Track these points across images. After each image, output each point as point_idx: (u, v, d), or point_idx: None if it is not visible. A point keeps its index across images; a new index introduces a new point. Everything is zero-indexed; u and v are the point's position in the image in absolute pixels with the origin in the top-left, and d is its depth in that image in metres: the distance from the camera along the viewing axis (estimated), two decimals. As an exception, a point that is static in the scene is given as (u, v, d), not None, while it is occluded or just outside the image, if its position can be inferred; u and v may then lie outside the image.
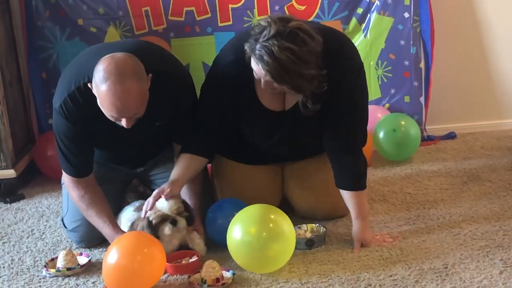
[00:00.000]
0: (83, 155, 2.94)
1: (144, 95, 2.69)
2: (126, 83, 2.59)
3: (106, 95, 2.61)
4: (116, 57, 2.63)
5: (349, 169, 2.94)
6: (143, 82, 2.67)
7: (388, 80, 4.29)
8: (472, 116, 4.55)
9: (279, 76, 2.62)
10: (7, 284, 2.81)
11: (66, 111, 2.81)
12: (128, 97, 2.61)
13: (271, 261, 2.72)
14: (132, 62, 2.64)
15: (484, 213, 3.22)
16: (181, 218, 2.83)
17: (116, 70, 2.58)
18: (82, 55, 2.98)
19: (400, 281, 2.63)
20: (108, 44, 2.98)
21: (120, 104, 2.61)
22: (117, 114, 2.65)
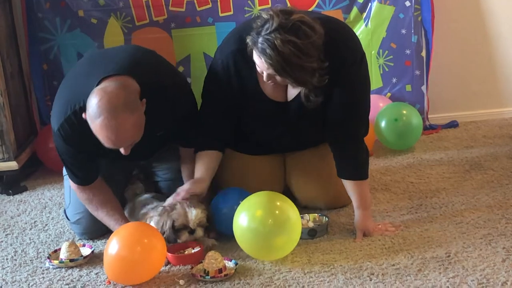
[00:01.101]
0: (87, 167, 2.95)
1: (139, 124, 2.67)
2: (119, 117, 2.58)
3: (101, 130, 2.61)
4: (108, 91, 2.59)
5: (351, 159, 2.94)
6: (137, 111, 2.64)
7: (389, 69, 4.29)
8: (474, 105, 4.54)
9: (282, 69, 2.61)
10: (11, 275, 2.81)
11: (64, 135, 2.82)
12: (122, 131, 2.61)
13: (276, 248, 2.72)
14: (123, 94, 2.60)
15: (486, 201, 3.22)
16: (200, 228, 2.85)
17: (108, 105, 2.56)
18: (77, 70, 2.96)
19: (402, 270, 2.63)
20: (103, 57, 2.93)
21: (115, 138, 2.63)
22: (113, 146, 2.67)
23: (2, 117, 3.70)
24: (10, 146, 3.74)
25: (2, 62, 3.74)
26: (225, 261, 2.73)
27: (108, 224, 2.98)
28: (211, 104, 3.00)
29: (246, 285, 2.60)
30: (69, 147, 2.85)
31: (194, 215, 2.81)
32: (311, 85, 2.73)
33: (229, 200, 2.95)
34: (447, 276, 2.56)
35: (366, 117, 2.98)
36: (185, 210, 2.82)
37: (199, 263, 2.75)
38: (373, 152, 3.94)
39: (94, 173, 2.97)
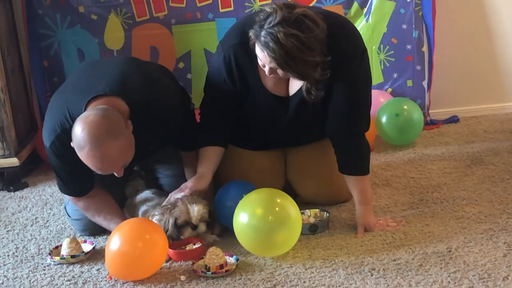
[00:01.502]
0: (81, 180, 2.92)
1: (126, 147, 2.67)
2: (103, 146, 2.58)
3: (88, 160, 2.62)
4: (89, 120, 2.58)
5: (352, 154, 2.94)
6: (122, 136, 2.63)
7: (390, 65, 4.28)
8: (475, 100, 4.54)
9: (285, 63, 2.61)
10: (12, 272, 2.81)
11: (56, 151, 2.82)
12: (109, 159, 2.62)
13: (277, 245, 2.73)
14: (105, 123, 2.59)
15: (487, 196, 3.22)
16: (202, 224, 2.85)
17: (91, 135, 2.56)
18: (67, 87, 2.96)
19: (403, 265, 2.64)
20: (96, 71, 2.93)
21: (102, 166, 2.64)
22: (104, 173, 2.69)
23: (2, 114, 3.70)
24: (11, 142, 3.75)
25: (2, 58, 3.74)
26: (226, 257, 2.73)
27: (108, 228, 2.99)
28: (213, 98, 3.01)
29: (248, 281, 2.61)
30: (62, 163, 2.85)
31: (196, 211, 2.82)
32: (313, 79, 2.73)
33: (232, 193, 2.94)
34: (448, 271, 2.56)
35: (367, 112, 2.98)
36: (186, 206, 2.82)
37: (200, 259, 2.75)
38: (374, 147, 3.94)
39: (88, 184, 2.96)
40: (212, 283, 2.62)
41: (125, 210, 3.09)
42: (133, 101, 2.73)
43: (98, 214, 2.98)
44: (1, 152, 3.75)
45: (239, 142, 3.17)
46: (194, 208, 2.82)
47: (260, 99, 2.98)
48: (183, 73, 4.20)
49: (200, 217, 2.83)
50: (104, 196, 3.00)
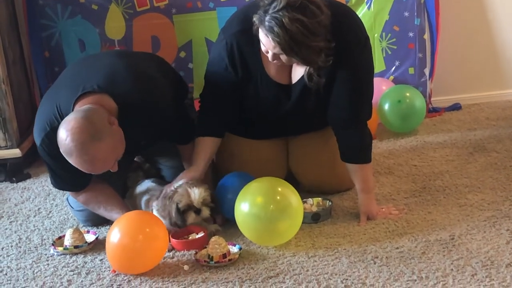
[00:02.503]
0: (77, 175, 2.88)
1: (114, 145, 2.67)
2: (90, 150, 2.59)
3: (78, 165, 2.64)
4: (71, 127, 2.58)
5: (354, 143, 2.94)
6: (108, 136, 2.63)
7: (392, 52, 4.27)
8: (477, 87, 4.53)
9: (289, 47, 2.60)
10: (15, 262, 2.82)
11: (47, 149, 2.83)
12: (98, 161, 2.63)
13: (278, 234, 2.73)
14: (88, 126, 2.58)
15: (490, 183, 3.22)
16: (205, 208, 2.85)
17: (74, 143, 2.57)
18: (58, 83, 2.96)
19: (406, 253, 2.64)
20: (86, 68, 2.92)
21: (94, 168, 2.67)
22: (97, 173, 2.72)
23: (4, 105, 3.70)
24: (13, 133, 3.75)
25: (3, 49, 3.74)
26: (229, 246, 2.73)
27: (110, 219, 2.99)
28: (213, 87, 3.00)
29: (251, 270, 2.61)
30: (54, 160, 2.84)
31: (197, 193, 2.81)
32: (316, 65, 2.73)
33: (233, 185, 2.94)
34: (451, 259, 2.57)
35: (369, 100, 2.97)
36: (187, 190, 2.82)
37: (203, 249, 2.76)
38: (376, 135, 3.94)
39: (84, 179, 2.94)
40: (215, 272, 2.62)
41: (127, 200, 3.09)
42: (121, 98, 2.74)
43: (99, 206, 2.99)
44: (3, 143, 3.75)
45: (241, 131, 3.17)
46: (195, 191, 2.82)
47: (262, 87, 2.97)
48: (184, 63, 4.19)
49: (202, 199, 2.82)
50: (103, 188, 3.00)
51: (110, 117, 2.67)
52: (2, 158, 3.76)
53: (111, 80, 2.78)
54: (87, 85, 2.73)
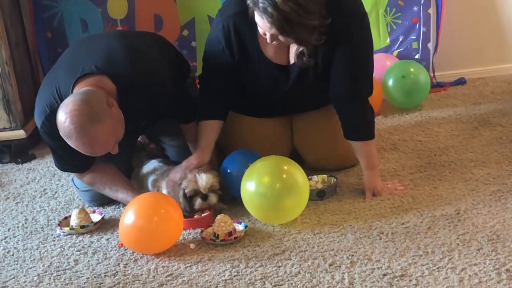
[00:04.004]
0: (79, 156, 2.85)
1: (114, 127, 2.66)
2: (89, 133, 2.58)
3: (78, 148, 2.63)
4: (69, 110, 2.57)
5: (356, 120, 2.93)
6: (106, 118, 2.62)
7: (397, 27, 4.25)
8: (481, 61, 4.51)
9: (283, 27, 2.59)
10: (22, 243, 2.83)
11: (48, 131, 2.82)
12: (98, 143, 2.62)
13: (285, 212, 2.74)
14: (86, 108, 2.58)
15: (495, 158, 3.21)
16: (212, 195, 2.85)
17: (73, 125, 2.56)
18: (57, 65, 2.96)
19: (412, 229, 2.64)
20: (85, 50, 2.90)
21: (94, 150, 2.66)
22: (97, 155, 2.72)
23: (8, 86, 3.70)
24: (17, 114, 3.74)
25: (6, 30, 3.72)
26: (235, 224, 2.74)
27: (115, 199, 3.01)
28: (211, 69, 2.99)
29: (256, 248, 2.61)
30: (55, 141, 2.83)
31: (205, 180, 2.81)
32: (310, 44, 2.72)
33: (238, 162, 2.94)
34: (457, 233, 2.57)
35: (370, 76, 2.96)
36: (195, 176, 2.82)
37: (209, 227, 2.76)
38: (381, 111, 3.93)
39: (88, 160, 2.93)
40: (221, 250, 2.63)
41: (133, 180, 3.09)
42: (119, 79, 2.73)
43: (104, 187, 2.99)
44: (8, 125, 3.75)
45: (243, 110, 3.16)
46: (202, 177, 2.82)
47: (261, 69, 2.96)
48: (187, 41, 4.18)
49: (209, 186, 2.82)
50: (107, 168, 3.00)
51: (109, 98, 2.67)
52: (7, 139, 3.76)
53: (109, 61, 2.77)
54: (85, 67, 2.73)
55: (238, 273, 2.46)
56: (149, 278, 2.48)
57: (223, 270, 2.48)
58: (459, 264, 2.37)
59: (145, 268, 2.56)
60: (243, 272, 2.46)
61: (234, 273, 2.46)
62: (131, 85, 2.75)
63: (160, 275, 2.50)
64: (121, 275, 2.53)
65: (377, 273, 2.36)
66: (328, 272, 2.40)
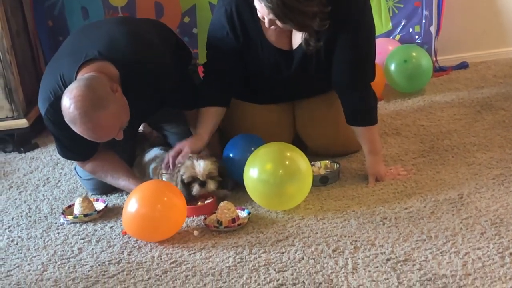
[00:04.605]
0: (83, 144, 2.88)
1: (118, 112, 2.66)
2: (93, 118, 2.58)
3: (83, 134, 2.63)
4: (73, 95, 2.57)
5: (358, 105, 2.93)
6: (111, 103, 2.62)
7: (399, 11, 4.24)
8: (484, 45, 4.50)
9: (282, 13, 2.59)
10: (26, 232, 2.84)
11: (52, 119, 2.82)
12: (102, 128, 2.62)
13: (288, 199, 2.74)
14: (90, 94, 2.57)
15: (498, 141, 3.21)
16: (211, 181, 2.85)
17: (77, 111, 2.56)
18: (60, 52, 2.95)
19: (415, 213, 2.64)
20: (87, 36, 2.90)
21: (99, 136, 2.66)
22: (102, 141, 2.71)
23: (9, 75, 3.70)
24: (19, 103, 3.75)
25: (7, 19, 3.72)
26: (238, 211, 2.74)
27: (117, 186, 3.01)
28: (216, 55, 2.99)
29: (260, 234, 2.62)
30: (59, 129, 2.84)
31: (202, 166, 2.81)
32: (312, 30, 2.71)
33: (240, 147, 2.95)
34: (460, 218, 2.57)
35: (372, 61, 2.95)
36: (193, 162, 2.83)
37: (212, 214, 2.76)
38: (383, 96, 3.92)
39: (91, 148, 2.95)
40: (225, 237, 2.63)
41: (135, 169, 3.09)
42: (122, 64, 2.72)
43: (105, 175, 2.99)
44: (10, 114, 3.76)
45: (246, 96, 3.16)
46: (200, 164, 2.82)
47: (264, 54, 2.95)
48: (188, 28, 4.18)
49: (207, 172, 2.82)
50: (109, 156, 3.00)
51: (113, 84, 2.67)
52: (10, 128, 3.77)
53: (112, 46, 2.77)
54: (88, 53, 2.72)
55: (242, 260, 2.46)
56: (153, 266, 2.49)
57: (226, 257, 2.49)
58: (463, 248, 2.37)
59: (149, 255, 2.56)
60: (246, 259, 2.46)
61: (237, 259, 2.47)
62: (133, 70, 2.75)
63: (164, 262, 2.50)
64: (125, 262, 2.53)
65: (380, 258, 2.37)
66: (332, 258, 2.41)
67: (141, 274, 2.44)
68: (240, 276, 2.37)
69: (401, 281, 2.22)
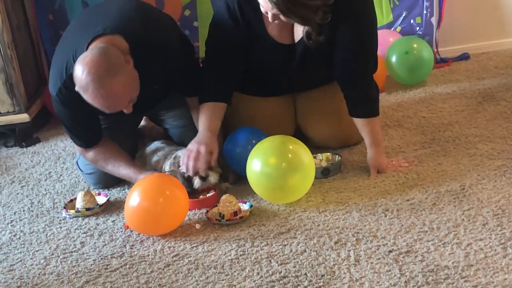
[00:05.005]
0: (89, 129, 2.93)
1: (130, 82, 2.66)
2: (106, 85, 2.57)
3: (94, 101, 2.61)
4: (87, 60, 2.57)
5: (361, 97, 2.92)
6: (123, 71, 2.62)
7: (400, 3, 4.23)
8: (485, 36, 4.49)
9: (286, 7, 2.59)
10: (28, 226, 2.84)
11: (63, 98, 2.81)
12: (114, 96, 2.61)
13: (291, 192, 2.74)
14: (104, 60, 2.58)
15: (500, 132, 3.20)
16: (213, 173, 2.84)
17: (91, 76, 2.55)
18: (70, 31, 2.95)
19: (417, 205, 2.64)
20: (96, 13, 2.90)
21: (109, 104, 2.64)
22: (113, 111, 2.69)
23: (10, 70, 3.70)
24: (20, 98, 3.75)
25: (7, 14, 3.72)
26: (240, 204, 2.74)
27: (119, 175, 3.01)
28: (217, 48, 2.97)
29: (262, 227, 2.62)
30: (70, 111, 2.84)
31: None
32: (314, 23, 2.71)
33: (242, 140, 2.94)
34: (462, 209, 2.57)
35: (374, 52, 2.95)
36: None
37: (214, 207, 2.76)
38: (385, 88, 3.92)
39: (97, 134, 2.97)
40: (227, 230, 2.63)
41: (136, 161, 3.09)
42: (133, 38, 2.71)
43: (106, 163, 2.99)
44: (12, 108, 3.76)
45: (248, 89, 3.16)
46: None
47: (266, 48, 2.95)
48: (189, 21, 4.17)
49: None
50: (111, 145, 3.01)
51: (126, 56, 2.67)
52: (11, 123, 3.77)
53: (122, 19, 2.77)
54: (98, 28, 2.71)
55: (244, 253, 2.46)
56: (155, 259, 2.49)
57: (229, 250, 2.49)
58: (465, 240, 2.37)
59: (151, 249, 2.56)
60: (249, 251, 2.47)
61: (240, 252, 2.47)
62: (143, 42, 2.75)
63: (166, 256, 2.51)
64: (127, 256, 2.54)
65: (382, 250, 2.37)
66: (334, 250, 2.41)
67: (144, 268, 2.45)
68: (243, 268, 2.37)
69: (403, 273, 2.22)
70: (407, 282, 2.17)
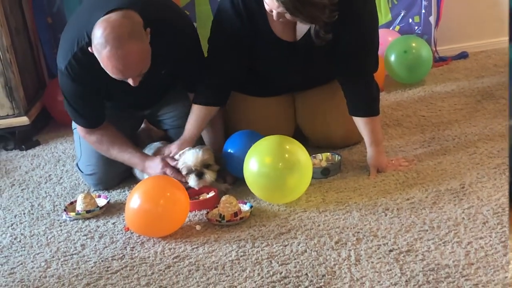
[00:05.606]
0: (94, 108, 2.94)
1: (146, 52, 2.66)
2: (125, 46, 2.56)
3: (108, 61, 2.60)
4: (111, 20, 2.58)
5: (361, 96, 2.93)
6: (143, 40, 2.63)
7: (398, 2, 4.24)
8: (483, 34, 4.49)
9: (293, 7, 2.59)
10: (29, 229, 2.84)
11: (71, 72, 2.80)
12: (129, 60, 2.60)
13: (289, 191, 2.74)
14: (127, 22, 2.59)
15: (499, 130, 3.20)
16: (209, 171, 2.85)
17: (113, 34, 2.55)
18: (81, 9, 2.94)
19: (417, 204, 2.64)
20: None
21: (122, 67, 2.62)
22: (122, 76, 2.66)
23: (10, 73, 3.70)
24: (20, 101, 3.75)
25: (6, 17, 3.72)
26: (240, 205, 2.74)
27: (122, 160, 3.01)
28: (221, 43, 2.95)
29: (262, 227, 2.62)
30: (77, 85, 2.83)
31: (194, 156, 2.82)
32: (322, 22, 2.71)
33: (240, 143, 2.94)
34: (462, 208, 2.57)
35: (375, 52, 2.95)
36: (186, 154, 2.83)
37: (214, 208, 2.76)
38: (384, 87, 3.92)
39: (100, 116, 2.98)
40: (227, 231, 2.63)
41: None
42: (146, 16, 2.70)
43: (112, 146, 2.99)
44: (11, 112, 3.76)
45: (248, 89, 3.16)
46: (193, 154, 2.83)
47: (268, 45, 2.95)
48: (188, 23, 4.17)
49: (201, 163, 2.83)
50: (115, 131, 3.02)
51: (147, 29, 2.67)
52: (11, 126, 3.77)
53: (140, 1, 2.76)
54: (111, 5, 2.69)
55: (245, 253, 2.46)
56: (156, 261, 2.49)
57: (229, 251, 2.49)
58: (465, 238, 2.37)
59: (152, 250, 2.56)
60: (249, 252, 2.47)
61: (240, 253, 2.47)
62: (157, 21, 2.74)
63: (167, 257, 2.51)
64: (128, 258, 2.54)
65: (383, 249, 2.37)
66: (334, 250, 2.41)
67: (144, 270, 2.44)
68: (243, 269, 2.37)
69: (404, 272, 2.22)
70: (407, 281, 2.18)
